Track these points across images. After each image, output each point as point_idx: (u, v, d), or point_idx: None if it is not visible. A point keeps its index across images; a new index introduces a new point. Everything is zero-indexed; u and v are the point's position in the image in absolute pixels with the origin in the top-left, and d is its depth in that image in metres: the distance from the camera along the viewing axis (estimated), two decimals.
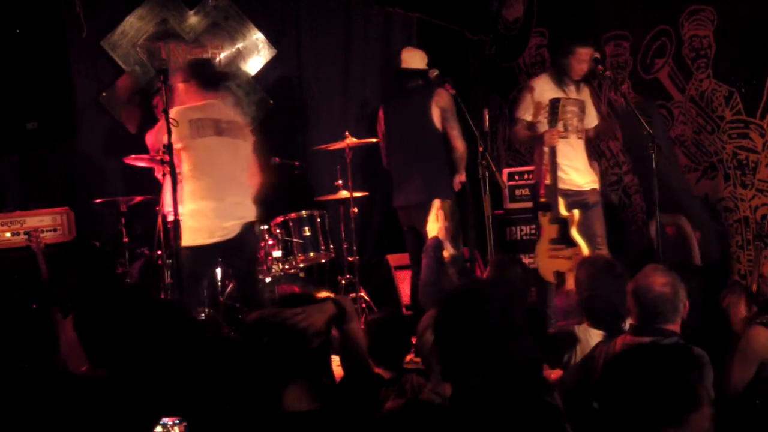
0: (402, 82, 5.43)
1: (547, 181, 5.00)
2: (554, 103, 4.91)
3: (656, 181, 4.54)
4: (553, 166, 4.95)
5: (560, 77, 5.14)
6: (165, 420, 1.99)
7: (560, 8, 6.49)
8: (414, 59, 5.48)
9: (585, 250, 4.84)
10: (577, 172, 5.18)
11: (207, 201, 4.65)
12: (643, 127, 4.66)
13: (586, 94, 5.25)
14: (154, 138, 5.85)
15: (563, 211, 4.93)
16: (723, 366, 3.55)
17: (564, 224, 4.91)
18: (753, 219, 5.20)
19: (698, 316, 3.77)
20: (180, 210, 4.62)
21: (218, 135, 4.69)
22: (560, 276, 4.96)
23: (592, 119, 5.30)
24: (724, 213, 5.36)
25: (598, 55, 5.11)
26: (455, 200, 5.37)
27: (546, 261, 5.05)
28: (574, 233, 4.90)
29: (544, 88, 5.15)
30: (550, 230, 4.97)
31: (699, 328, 3.76)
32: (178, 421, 1.99)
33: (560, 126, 5.00)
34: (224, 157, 4.69)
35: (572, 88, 5.16)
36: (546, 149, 4.98)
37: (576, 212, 4.94)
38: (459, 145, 5.30)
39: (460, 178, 5.44)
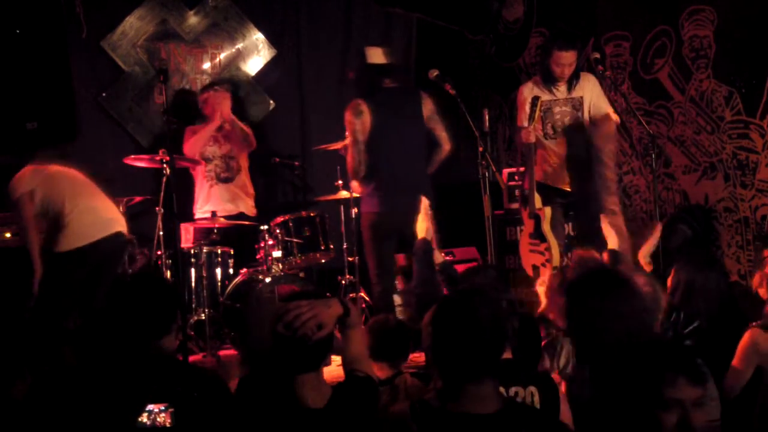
0: (375, 78, 5.18)
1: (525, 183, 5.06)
2: (533, 101, 4.96)
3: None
4: (530, 162, 4.98)
5: (547, 78, 5.13)
6: (151, 407, 1.99)
7: (560, 8, 6.50)
8: (377, 55, 5.35)
9: (554, 247, 4.88)
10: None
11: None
12: (644, 127, 4.67)
13: (585, 90, 5.18)
14: (192, 142, 5.93)
15: (537, 205, 4.98)
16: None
17: (539, 219, 4.96)
18: (753, 219, 5.20)
19: (715, 306, 3.81)
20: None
21: None
22: (536, 270, 5.01)
23: (598, 109, 5.15)
24: (724, 213, 5.36)
25: (597, 56, 5.11)
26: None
27: (526, 255, 5.10)
28: (546, 229, 4.94)
29: (532, 92, 5.14)
30: (528, 225, 5.03)
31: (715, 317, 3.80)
32: (163, 408, 1.99)
33: (549, 128, 5.07)
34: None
35: (562, 88, 5.14)
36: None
37: (548, 209, 4.98)
38: (448, 145, 5.21)
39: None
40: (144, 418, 1.98)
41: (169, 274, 5.44)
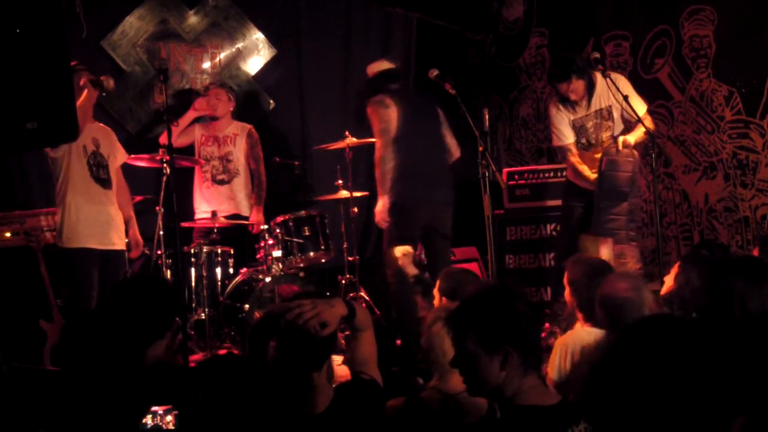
0: (386, 82, 5.27)
1: None
2: None
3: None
4: None
5: (564, 101, 5.08)
6: (156, 409, 1.99)
7: (560, 8, 6.50)
8: (382, 65, 5.43)
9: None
10: None
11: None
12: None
13: (608, 97, 5.00)
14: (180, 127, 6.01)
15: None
16: None
17: None
18: (753, 219, 5.20)
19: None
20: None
21: None
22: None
23: (637, 107, 4.88)
24: (724, 213, 5.36)
25: (598, 55, 5.08)
26: None
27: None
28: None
29: (559, 110, 5.10)
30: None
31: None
32: (168, 410, 1.99)
33: (583, 140, 5.07)
34: None
35: (583, 103, 5.04)
36: None
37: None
38: (458, 153, 5.34)
39: None
40: (148, 420, 1.98)
41: (169, 273, 5.44)
